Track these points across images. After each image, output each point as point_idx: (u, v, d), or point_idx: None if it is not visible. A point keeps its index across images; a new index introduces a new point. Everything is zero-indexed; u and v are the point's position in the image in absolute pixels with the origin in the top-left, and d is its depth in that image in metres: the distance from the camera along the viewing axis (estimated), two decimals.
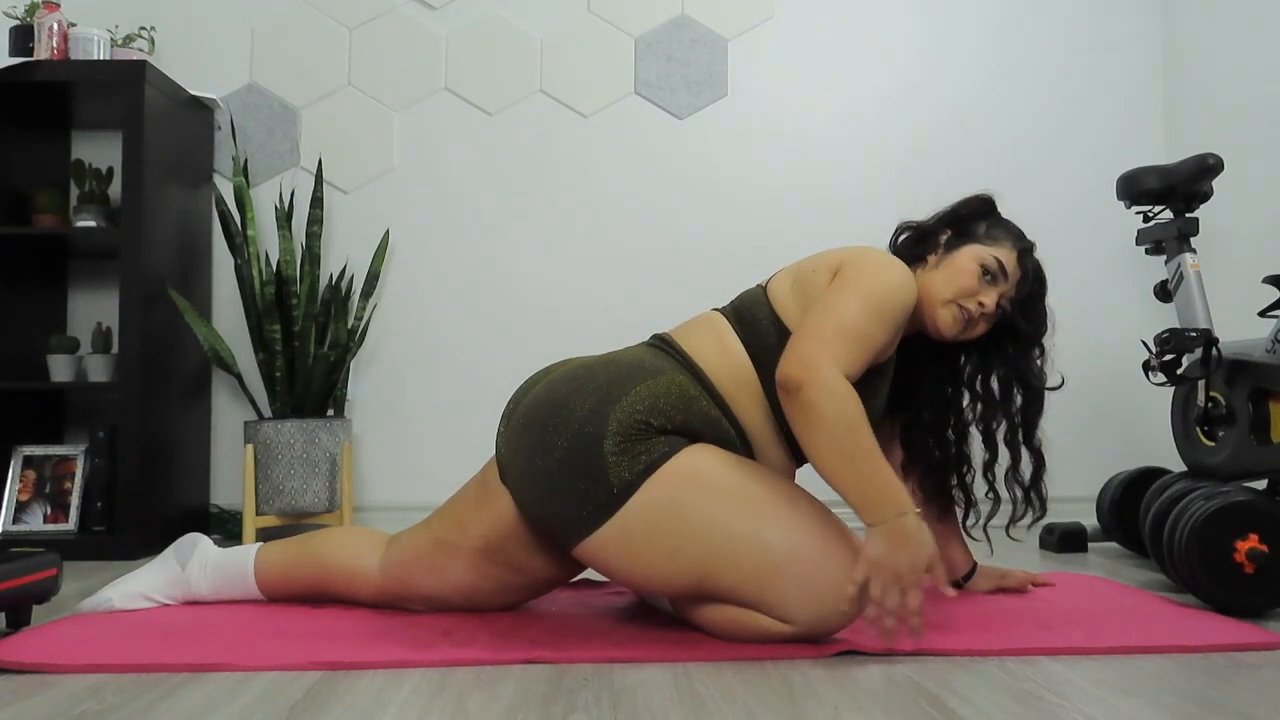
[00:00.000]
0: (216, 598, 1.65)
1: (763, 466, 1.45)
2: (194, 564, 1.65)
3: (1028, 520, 1.66)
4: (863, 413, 1.33)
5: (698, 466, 1.38)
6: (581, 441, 1.37)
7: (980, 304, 1.55)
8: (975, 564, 1.81)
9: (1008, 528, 1.69)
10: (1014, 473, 1.64)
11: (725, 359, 1.49)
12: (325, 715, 1.11)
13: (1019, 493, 1.64)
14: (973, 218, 1.63)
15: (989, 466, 1.66)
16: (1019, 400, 1.64)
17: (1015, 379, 1.64)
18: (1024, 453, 1.64)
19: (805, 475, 2.46)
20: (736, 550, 1.34)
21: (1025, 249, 1.61)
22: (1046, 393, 1.64)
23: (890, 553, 1.30)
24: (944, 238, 1.61)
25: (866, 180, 2.89)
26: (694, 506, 1.35)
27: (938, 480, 1.74)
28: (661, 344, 1.54)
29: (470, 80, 2.88)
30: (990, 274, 1.56)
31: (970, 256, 1.57)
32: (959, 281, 1.55)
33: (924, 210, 1.71)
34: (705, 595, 1.39)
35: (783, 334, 1.48)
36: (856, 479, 1.32)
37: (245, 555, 1.66)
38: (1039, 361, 1.63)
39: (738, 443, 1.48)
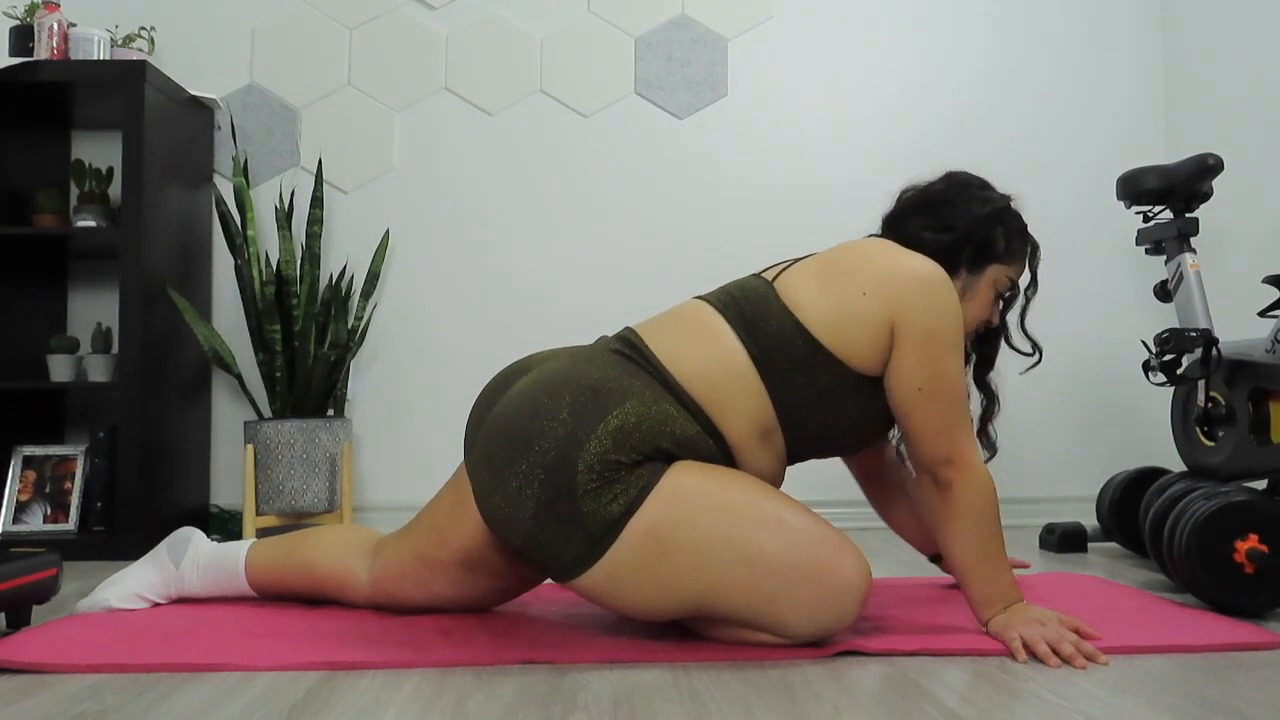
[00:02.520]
0: (210, 595, 1.66)
1: (747, 478, 1.38)
2: (187, 562, 1.64)
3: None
4: (998, 507, 1.41)
5: (680, 492, 1.31)
6: (552, 492, 1.30)
7: (989, 322, 1.61)
8: None
9: None
10: None
11: (712, 359, 1.40)
12: (325, 715, 1.11)
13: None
14: (994, 226, 1.55)
15: None
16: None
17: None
18: (975, 390, 1.65)
19: (798, 473, 2.42)
20: (729, 582, 1.30)
21: (1033, 250, 1.63)
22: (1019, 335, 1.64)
23: (1027, 625, 1.36)
24: (965, 255, 1.54)
25: (866, 179, 2.89)
26: (680, 540, 1.30)
27: None
28: (630, 350, 1.43)
29: (470, 80, 2.88)
30: (1003, 297, 1.60)
31: (990, 284, 1.57)
32: (981, 315, 1.58)
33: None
34: (704, 619, 1.38)
35: (799, 335, 1.41)
36: (985, 574, 1.40)
37: (236, 556, 1.65)
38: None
39: (718, 456, 1.41)
